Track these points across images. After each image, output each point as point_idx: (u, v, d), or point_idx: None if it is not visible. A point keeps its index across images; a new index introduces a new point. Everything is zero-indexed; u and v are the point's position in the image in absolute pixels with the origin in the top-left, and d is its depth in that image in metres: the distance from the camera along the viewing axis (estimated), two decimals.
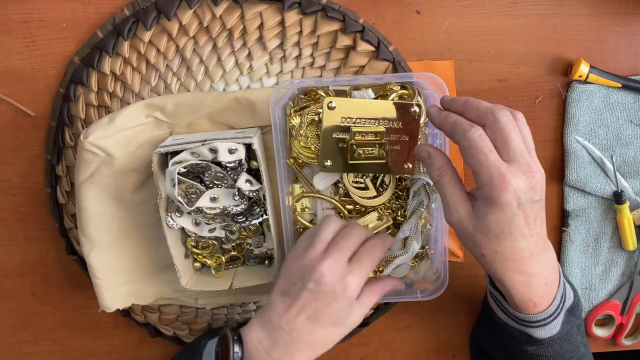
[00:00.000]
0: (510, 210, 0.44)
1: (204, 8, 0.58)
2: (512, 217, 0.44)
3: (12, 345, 0.69)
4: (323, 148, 0.56)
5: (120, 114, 0.56)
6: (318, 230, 0.53)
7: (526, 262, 0.47)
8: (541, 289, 0.48)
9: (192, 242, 0.62)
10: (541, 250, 0.47)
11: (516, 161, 0.44)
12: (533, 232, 0.46)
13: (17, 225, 0.65)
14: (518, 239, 0.45)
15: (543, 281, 0.48)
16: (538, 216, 0.46)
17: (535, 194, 0.45)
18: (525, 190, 0.44)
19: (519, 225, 0.45)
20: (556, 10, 0.61)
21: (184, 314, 0.67)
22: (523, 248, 0.46)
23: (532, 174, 0.44)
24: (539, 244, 0.47)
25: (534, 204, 0.45)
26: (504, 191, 0.44)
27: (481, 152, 0.44)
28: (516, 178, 0.44)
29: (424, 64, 0.61)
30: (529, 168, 0.44)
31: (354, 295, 0.50)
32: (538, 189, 0.45)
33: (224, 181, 0.57)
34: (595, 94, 0.62)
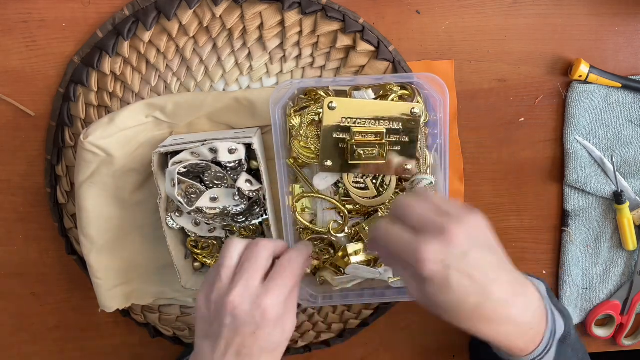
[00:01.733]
0: (442, 277, 0.41)
1: (204, 8, 0.58)
2: (449, 281, 0.42)
3: (12, 345, 0.69)
4: (323, 148, 0.56)
5: (120, 114, 0.56)
6: (220, 258, 0.49)
7: (494, 313, 0.43)
8: (528, 334, 0.45)
9: (192, 242, 0.62)
10: (513, 296, 0.44)
11: (425, 229, 0.43)
12: (487, 282, 0.42)
13: (17, 225, 0.65)
14: (470, 297, 0.42)
15: (528, 326, 0.45)
16: (484, 263, 0.42)
17: (461, 246, 0.41)
18: (446, 251, 0.41)
19: (462, 284, 0.42)
20: (556, 10, 0.61)
21: (184, 314, 0.67)
22: (482, 302, 0.42)
23: (444, 233, 0.42)
24: (504, 291, 0.43)
25: (467, 256, 0.42)
26: (424, 266, 0.41)
27: (391, 243, 0.44)
28: (430, 246, 0.41)
29: (424, 64, 0.62)
30: (439, 228, 0.42)
31: (277, 316, 0.46)
32: (461, 241, 0.41)
33: (224, 181, 0.57)
34: (595, 94, 0.62)
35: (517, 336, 0.45)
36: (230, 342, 0.45)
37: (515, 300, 0.44)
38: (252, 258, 0.48)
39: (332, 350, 0.70)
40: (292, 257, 0.49)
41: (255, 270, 0.47)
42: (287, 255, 0.49)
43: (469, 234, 0.42)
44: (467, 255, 0.42)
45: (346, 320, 0.68)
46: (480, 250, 0.43)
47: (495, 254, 0.44)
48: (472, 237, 0.42)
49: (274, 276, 0.47)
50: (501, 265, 0.44)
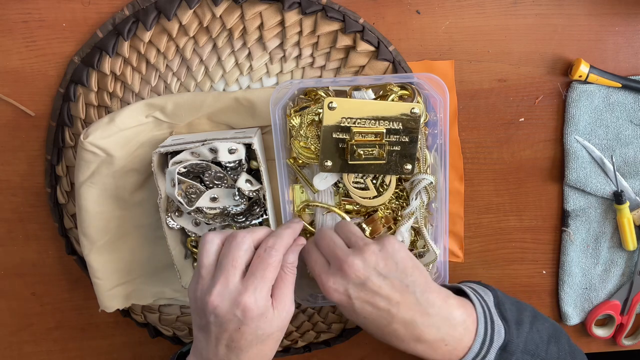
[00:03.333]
0: (348, 305, 0.47)
1: (204, 8, 0.58)
2: (353, 309, 0.47)
3: (12, 345, 0.69)
4: (323, 148, 0.56)
5: (120, 114, 0.56)
6: (198, 256, 0.49)
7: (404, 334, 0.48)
8: (442, 349, 0.48)
9: (192, 242, 0.62)
10: (418, 315, 0.47)
11: (331, 261, 0.49)
12: (390, 307, 0.47)
13: (17, 225, 0.65)
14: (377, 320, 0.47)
15: (441, 343, 0.48)
16: (384, 291, 0.47)
17: (357, 278, 0.47)
18: (345, 282, 0.47)
19: (366, 311, 0.47)
20: (556, 10, 0.61)
21: (184, 314, 0.67)
22: (388, 324, 0.48)
23: (341, 265, 0.47)
24: (411, 313, 0.47)
25: (365, 286, 0.47)
26: (330, 295, 0.48)
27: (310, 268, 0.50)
28: (332, 277, 0.48)
29: (424, 64, 0.62)
30: (338, 261, 0.48)
31: (260, 311, 0.46)
32: (357, 273, 0.47)
33: (224, 181, 0.57)
34: (595, 94, 0.62)
35: (430, 352, 0.49)
36: (219, 336, 0.47)
37: (423, 320, 0.48)
38: (229, 254, 0.47)
39: (332, 350, 0.70)
40: (269, 245, 0.48)
41: (233, 267, 0.47)
42: (263, 244, 0.49)
43: (367, 264, 0.47)
44: (366, 284, 0.47)
45: (346, 320, 0.68)
46: (379, 277, 0.47)
47: (400, 276, 0.48)
48: (370, 265, 0.47)
49: (252, 270, 0.47)
50: (407, 287, 0.47)
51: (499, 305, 0.52)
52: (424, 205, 0.58)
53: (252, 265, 0.47)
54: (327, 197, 0.59)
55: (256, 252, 0.48)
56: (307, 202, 0.59)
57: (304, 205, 0.59)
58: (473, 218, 0.66)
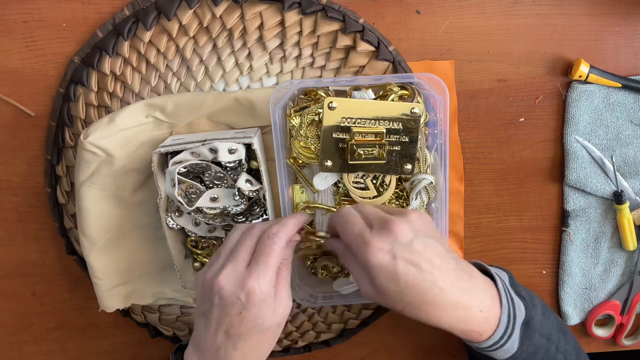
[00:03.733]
0: (390, 266, 0.45)
1: (204, 8, 0.58)
2: (396, 270, 0.45)
3: (12, 345, 0.69)
4: (323, 148, 0.56)
5: (120, 114, 0.56)
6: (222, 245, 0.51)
7: (443, 299, 0.46)
8: (478, 317, 0.48)
9: (192, 242, 0.62)
10: (456, 280, 0.47)
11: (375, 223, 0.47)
12: (432, 269, 0.46)
13: (17, 225, 0.65)
14: (417, 285, 0.45)
15: (477, 309, 0.47)
16: (428, 252, 0.46)
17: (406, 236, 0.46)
18: (392, 241, 0.46)
19: (409, 273, 0.45)
20: (556, 10, 0.61)
21: (184, 314, 0.67)
22: (429, 289, 0.46)
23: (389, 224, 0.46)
24: (449, 277, 0.46)
25: (412, 244, 0.46)
26: (372, 254, 0.45)
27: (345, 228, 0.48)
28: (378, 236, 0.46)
29: (424, 64, 0.62)
30: (385, 221, 0.46)
31: (263, 297, 0.47)
32: (406, 232, 0.46)
33: (224, 181, 0.57)
34: (595, 94, 0.62)
35: (467, 319, 0.47)
36: (220, 321, 0.47)
37: (460, 285, 0.47)
38: (242, 242, 0.49)
39: (332, 350, 0.70)
40: (273, 235, 0.48)
41: (243, 253, 0.48)
42: (268, 230, 0.49)
43: (412, 226, 0.47)
44: (412, 244, 0.46)
45: (346, 320, 0.68)
46: (424, 238, 0.46)
47: (438, 242, 0.47)
48: (415, 228, 0.47)
49: (255, 256, 0.48)
50: (446, 253, 0.47)
51: (514, 285, 0.52)
52: (424, 205, 0.58)
53: (256, 251, 0.48)
54: (327, 197, 0.60)
55: (261, 239, 0.49)
56: (307, 203, 0.59)
57: (304, 206, 0.59)
58: (473, 218, 0.66)
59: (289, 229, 0.50)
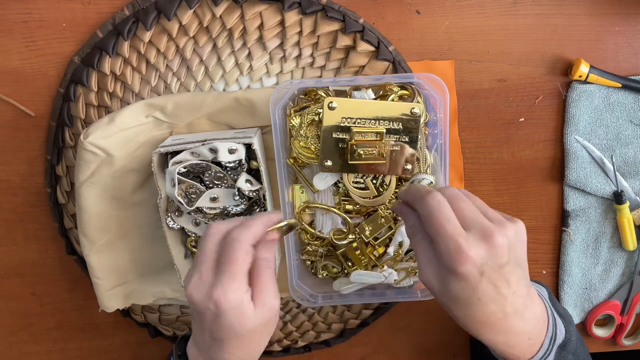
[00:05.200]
0: (474, 280, 0.42)
1: (204, 8, 0.58)
2: (477, 285, 0.43)
3: (12, 345, 0.69)
4: (323, 148, 0.56)
5: (120, 114, 0.56)
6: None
7: (502, 324, 0.45)
8: (524, 344, 0.46)
9: (192, 242, 0.62)
10: (523, 308, 0.45)
11: (473, 228, 0.43)
12: (507, 294, 0.43)
13: (17, 225, 0.65)
14: (488, 304, 0.43)
15: (526, 336, 0.46)
16: (512, 277, 0.43)
17: (502, 258, 0.42)
18: (487, 258, 0.42)
19: (486, 292, 0.43)
20: (556, 10, 0.61)
21: (184, 314, 0.67)
22: (495, 312, 0.44)
23: (491, 239, 0.42)
24: (518, 304, 0.44)
25: (502, 268, 0.43)
26: (462, 263, 0.42)
27: (438, 221, 0.43)
28: (475, 247, 0.42)
29: (424, 64, 0.62)
30: (488, 232, 0.42)
31: (233, 305, 0.44)
32: (504, 252, 0.42)
33: (224, 181, 0.57)
34: (595, 94, 0.62)
35: (514, 345, 0.46)
36: (203, 326, 0.46)
37: (523, 313, 0.45)
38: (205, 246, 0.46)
39: (332, 350, 0.70)
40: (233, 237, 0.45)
41: (206, 260, 0.45)
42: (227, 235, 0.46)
43: (510, 246, 0.43)
44: (503, 268, 0.43)
45: (346, 320, 0.68)
46: (514, 264, 0.44)
47: (523, 269, 0.45)
48: (511, 249, 0.43)
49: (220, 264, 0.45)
50: (523, 279, 0.45)
51: (552, 301, 0.51)
52: None
53: (220, 258, 0.45)
54: (327, 197, 0.60)
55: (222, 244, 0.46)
56: (307, 203, 0.59)
57: (304, 206, 0.59)
58: None
59: (253, 231, 0.46)
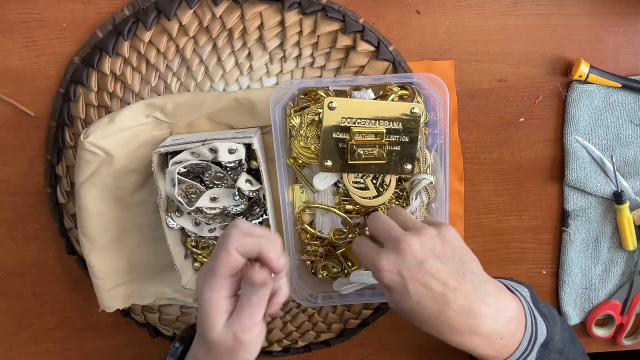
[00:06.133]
0: (400, 286, 0.45)
1: (204, 8, 0.58)
2: (405, 289, 0.45)
3: (12, 345, 0.69)
4: (323, 148, 0.56)
5: (120, 114, 0.56)
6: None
7: (459, 324, 0.45)
8: (497, 343, 0.46)
9: (192, 242, 0.62)
10: (478, 305, 0.45)
11: (386, 242, 0.47)
12: (445, 291, 0.44)
13: (17, 225, 0.65)
14: (429, 305, 0.44)
15: (497, 336, 0.46)
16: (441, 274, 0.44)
17: (415, 258, 0.45)
18: (400, 262, 0.45)
19: (419, 292, 0.44)
20: (556, 10, 0.61)
21: (184, 314, 0.67)
22: (443, 311, 0.44)
23: (398, 245, 0.45)
24: (467, 299, 0.44)
25: (422, 267, 0.44)
26: (381, 275, 0.45)
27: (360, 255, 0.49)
28: (385, 257, 0.45)
29: (424, 64, 0.62)
30: (395, 241, 0.46)
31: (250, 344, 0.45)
32: (415, 253, 0.45)
33: (224, 181, 0.57)
34: (595, 94, 0.62)
35: (484, 346, 0.46)
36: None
37: (481, 310, 0.45)
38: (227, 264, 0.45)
39: (332, 350, 0.70)
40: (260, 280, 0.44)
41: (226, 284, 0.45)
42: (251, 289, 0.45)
43: (425, 245, 0.45)
44: (423, 265, 0.45)
45: (346, 320, 0.68)
46: (437, 259, 0.45)
47: (457, 263, 0.46)
48: (428, 247, 0.46)
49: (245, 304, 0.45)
50: (465, 275, 0.45)
51: (535, 301, 0.51)
52: (424, 205, 0.58)
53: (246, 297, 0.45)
54: (327, 197, 0.60)
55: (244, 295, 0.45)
56: (307, 204, 0.59)
57: (304, 206, 0.59)
58: (473, 218, 0.66)
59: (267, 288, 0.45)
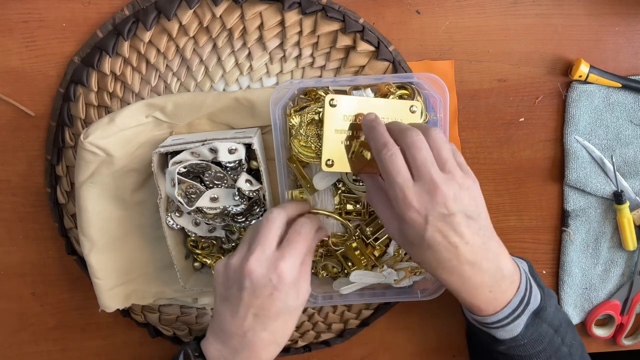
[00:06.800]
0: (420, 227, 0.46)
1: (204, 8, 0.58)
2: (424, 232, 0.46)
3: (12, 345, 0.69)
4: (325, 146, 0.55)
5: (120, 114, 0.56)
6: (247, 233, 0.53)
7: (457, 271, 0.47)
8: (484, 295, 0.49)
9: (192, 242, 0.62)
10: (480, 260, 0.47)
11: (421, 179, 0.46)
12: (459, 244, 0.46)
13: (17, 225, 0.65)
14: (440, 251, 0.46)
15: (486, 289, 0.48)
16: (462, 228, 0.46)
17: (446, 209, 0.45)
18: (430, 207, 0.45)
19: (435, 239, 0.46)
20: (556, 10, 0.61)
21: (184, 314, 0.67)
22: (448, 258, 0.47)
23: (435, 191, 0.45)
24: (473, 254, 0.47)
25: (448, 218, 0.45)
26: (407, 210, 0.46)
27: (390, 173, 0.46)
28: (418, 197, 0.46)
29: (424, 64, 0.62)
30: (433, 185, 0.45)
31: (293, 278, 0.49)
32: (447, 204, 0.45)
33: (224, 181, 0.57)
34: (595, 94, 0.62)
35: (474, 295, 0.49)
36: (250, 304, 0.49)
37: (481, 264, 0.47)
38: (267, 226, 0.50)
39: (332, 350, 0.70)
40: (304, 223, 0.52)
41: (271, 237, 0.50)
42: (299, 222, 0.52)
43: (457, 199, 0.46)
44: (449, 218, 0.46)
45: (346, 320, 0.68)
46: (463, 215, 0.46)
47: (476, 220, 0.47)
48: (458, 201, 0.46)
49: (289, 241, 0.50)
50: (479, 230, 0.47)
51: (533, 275, 0.54)
52: None
53: (288, 237, 0.51)
54: (327, 197, 0.59)
55: (292, 227, 0.52)
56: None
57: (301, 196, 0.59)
58: None
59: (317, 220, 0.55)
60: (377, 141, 0.48)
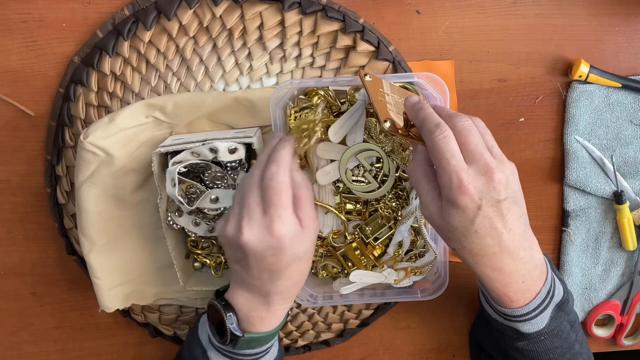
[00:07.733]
0: (472, 212, 0.45)
1: (204, 8, 0.58)
2: (474, 218, 0.45)
3: (12, 345, 0.69)
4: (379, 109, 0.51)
5: (120, 114, 0.56)
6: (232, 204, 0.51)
7: (496, 259, 0.47)
8: (517, 285, 0.49)
9: (192, 242, 0.62)
10: (518, 248, 0.47)
11: (475, 162, 0.45)
12: (504, 230, 0.46)
13: (17, 225, 0.65)
14: (485, 237, 0.46)
15: (520, 278, 0.48)
16: (509, 214, 0.46)
17: (499, 194, 0.45)
18: (485, 192, 0.45)
19: (484, 225, 0.45)
20: (556, 10, 0.61)
21: (184, 314, 0.67)
22: (491, 245, 0.46)
23: (491, 175, 0.45)
24: (513, 242, 0.47)
25: (500, 203, 0.45)
26: (461, 195, 0.45)
27: (443, 156, 0.45)
28: (475, 182, 0.44)
29: (424, 64, 0.62)
30: (488, 168, 0.45)
31: (292, 233, 0.47)
32: (501, 189, 0.45)
33: (224, 181, 0.57)
34: (595, 94, 0.62)
35: (507, 283, 0.48)
36: (258, 265, 0.48)
37: (519, 253, 0.47)
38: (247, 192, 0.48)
39: (332, 350, 0.70)
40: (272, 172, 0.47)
41: (253, 203, 0.47)
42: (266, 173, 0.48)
43: (508, 183, 0.45)
44: (500, 203, 0.45)
45: (346, 320, 0.68)
46: (510, 201, 0.46)
47: (519, 207, 0.47)
48: (509, 186, 0.46)
49: (267, 201, 0.47)
50: (520, 217, 0.47)
51: (552, 268, 0.54)
52: None
53: (265, 197, 0.47)
54: (327, 197, 0.59)
55: (262, 183, 0.48)
56: None
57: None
58: None
59: (286, 162, 0.48)
60: (428, 122, 0.46)
